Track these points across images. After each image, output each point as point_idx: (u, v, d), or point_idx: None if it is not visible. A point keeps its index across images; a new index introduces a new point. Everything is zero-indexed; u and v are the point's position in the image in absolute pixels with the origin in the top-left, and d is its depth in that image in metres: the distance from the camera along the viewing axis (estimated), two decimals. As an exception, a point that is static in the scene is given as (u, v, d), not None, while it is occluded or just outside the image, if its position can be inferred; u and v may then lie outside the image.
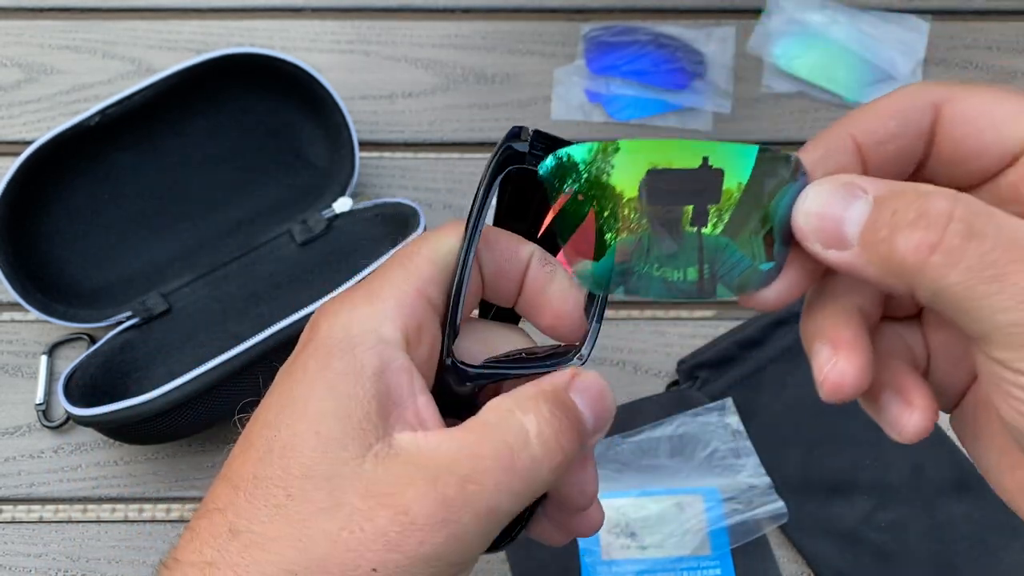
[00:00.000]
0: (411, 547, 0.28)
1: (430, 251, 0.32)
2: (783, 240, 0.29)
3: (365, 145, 0.70)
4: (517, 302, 0.34)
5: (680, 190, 0.30)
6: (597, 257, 0.31)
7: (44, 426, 0.61)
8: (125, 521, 0.60)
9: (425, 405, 0.31)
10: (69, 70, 0.72)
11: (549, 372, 0.32)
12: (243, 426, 0.32)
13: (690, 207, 0.30)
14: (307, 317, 0.55)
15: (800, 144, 0.74)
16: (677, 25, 0.74)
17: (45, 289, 0.60)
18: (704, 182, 0.29)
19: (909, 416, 0.29)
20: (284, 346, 0.56)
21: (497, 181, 0.32)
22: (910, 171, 0.30)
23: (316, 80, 0.62)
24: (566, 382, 0.31)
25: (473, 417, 0.30)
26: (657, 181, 0.30)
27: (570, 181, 0.30)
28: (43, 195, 0.60)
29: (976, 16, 0.75)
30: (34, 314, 0.59)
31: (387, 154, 0.70)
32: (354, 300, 0.31)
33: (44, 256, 0.61)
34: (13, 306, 0.65)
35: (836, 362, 0.28)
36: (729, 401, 0.60)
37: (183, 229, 0.64)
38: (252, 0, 0.75)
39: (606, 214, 0.30)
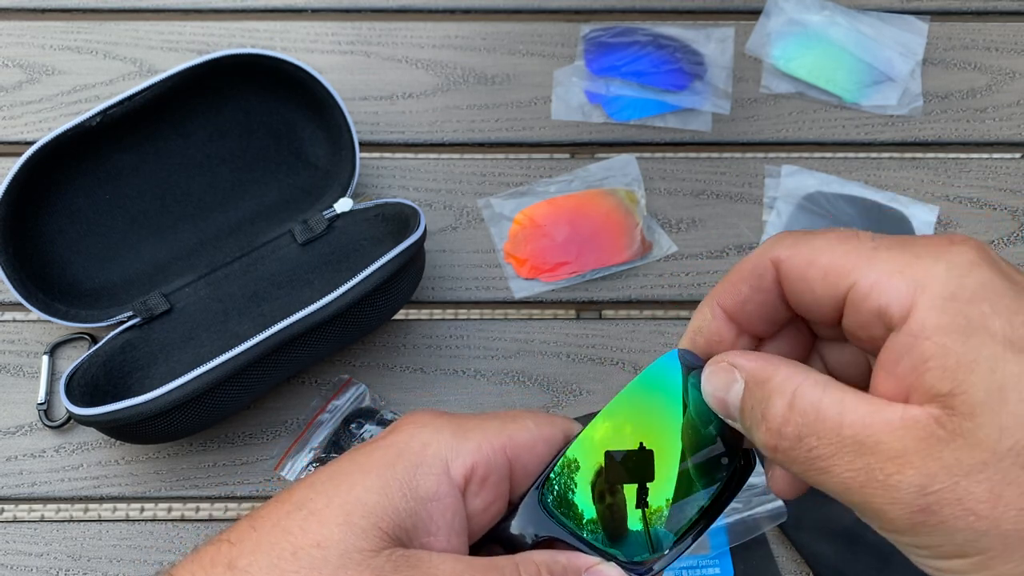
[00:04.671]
0: None
1: (536, 424, 0.34)
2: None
3: (366, 146, 0.70)
4: None
5: (623, 473, 0.33)
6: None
7: (45, 425, 0.61)
8: (126, 520, 0.60)
9: (456, 545, 0.33)
10: (70, 71, 0.72)
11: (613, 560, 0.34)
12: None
13: (634, 488, 0.33)
14: (308, 317, 0.56)
15: (798, 145, 0.74)
16: (676, 26, 0.74)
17: (47, 289, 0.60)
18: (641, 464, 0.33)
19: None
20: (285, 345, 0.56)
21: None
22: (783, 316, 0.33)
23: (317, 81, 0.62)
24: (584, 565, 0.33)
25: (486, 558, 0.32)
26: (610, 469, 0.33)
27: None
28: (45, 195, 0.60)
29: (974, 16, 0.76)
30: (36, 314, 0.59)
31: (388, 154, 0.70)
32: (443, 425, 0.33)
33: (45, 256, 0.61)
34: (15, 306, 0.65)
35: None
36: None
37: (184, 229, 0.65)
38: (253, 1, 0.75)
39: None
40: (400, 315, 0.65)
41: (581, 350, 0.64)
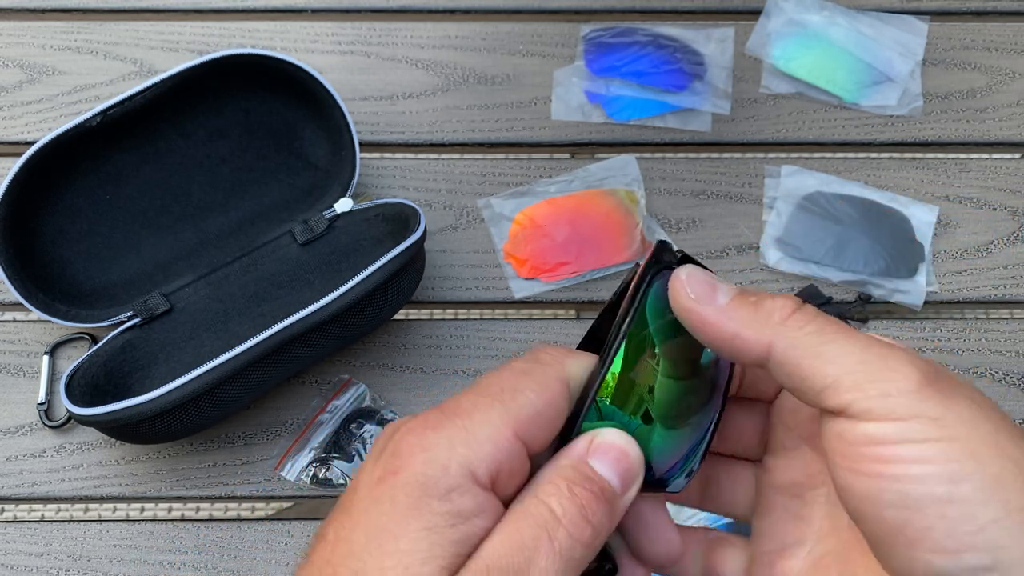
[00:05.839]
0: None
1: (535, 392, 0.32)
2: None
3: (366, 146, 0.70)
4: None
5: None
6: None
7: (46, 425, 0.61)
8: (127, 520, 0.60)
9: None
10: (71, 71, 0.72)
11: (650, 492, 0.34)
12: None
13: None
14: (309, 317, 0.56)
15: (798, 145, 0.74)
16: (676, 26, 0.74)
17: (47, 289, 0.60)
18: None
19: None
20: (286, 345, 0.56)
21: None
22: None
23: (317, 81, 0.62)
24: (584, 451, 0.32)
25: (510, 509, 0.31)
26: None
27: None
28: (45, 195, 0.60)
29: (974, 17, 0.76)
30: (36, 314, 0.59)
31: (388, 155, 0.70)
32: (450, 435, 0.31)
33: (46, 256, 0.61)
34: (15, 306, 0.65)
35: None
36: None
37: (184, 229, 0.65)
38: (253, 1, 0.75)
39: None
40: (400, 315, 0.65)
41: (581, 350, 0.64)
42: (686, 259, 0.33)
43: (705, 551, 0.37)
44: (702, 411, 0.34)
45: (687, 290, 0.32)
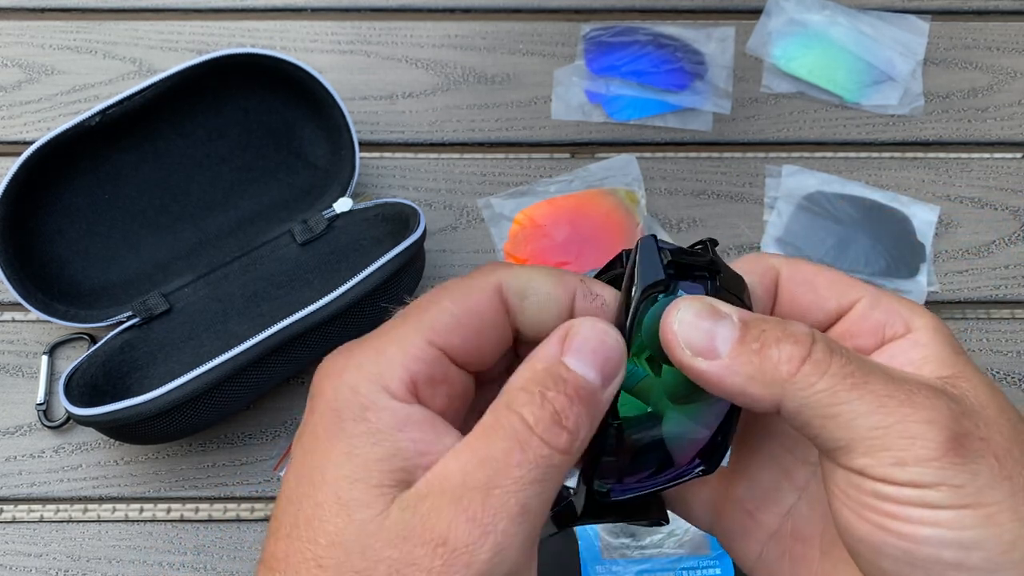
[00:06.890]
0: (460, 574, 0.27)
1: (452, 301, 0.31)
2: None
3: (365, 145, 0.70)
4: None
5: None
6: None
7: (45, 426, 0.61)
8: (126, 521, 0.60)
9: (453, 441, 0.30)
10: (70, 70, 0.72)
11: (679, 483, 0.33)
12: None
13: None
14: (308, 317, 0.56)
15: (799, 145, 0.74)
16: (677, 25, 0.74)
17: (46, 289, 0.60)
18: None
19: None
20: (285, 345, 0.56)
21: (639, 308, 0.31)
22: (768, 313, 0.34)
23: (317, 80, 0.62)
24: (557, 350, 0.30)
25: (478, 424, 0.29)
26: None
27: None
28: (44, 195, 0.60)
29: (976, 16, 0.75)
30: (35, 314, 0.59)
31: (387, 154, 0.70)
32: (359, 358, 0.30)
33: (45, 256, 0.61)
34: (14, 306, 0.65)
35: None
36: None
37: (184, 229, 0.64)
38: (253, 1, 0.75)
39: None
40: (400, 315, 0.65)
41: (581, 350, 0.64)
42: (675, 266, 0.30)
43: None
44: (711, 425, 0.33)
45: (682, 345, 0.29)
